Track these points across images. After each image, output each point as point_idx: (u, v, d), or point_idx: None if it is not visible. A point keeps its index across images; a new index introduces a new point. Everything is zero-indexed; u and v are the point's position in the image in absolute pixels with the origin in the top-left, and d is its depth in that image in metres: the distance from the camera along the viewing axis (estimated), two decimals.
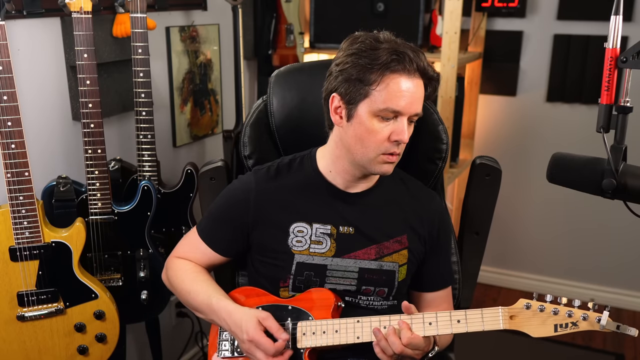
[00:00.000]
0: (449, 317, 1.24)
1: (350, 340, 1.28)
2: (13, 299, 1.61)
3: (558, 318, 1.17)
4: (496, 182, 1.63)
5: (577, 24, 2.86)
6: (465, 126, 2.99)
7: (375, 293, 1.40)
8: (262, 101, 1.61)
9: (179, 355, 2.53)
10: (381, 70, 1.25)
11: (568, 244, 3.15)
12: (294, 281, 1.38)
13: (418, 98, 1.28)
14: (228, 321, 1.32)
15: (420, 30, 2.60)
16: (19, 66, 1.67)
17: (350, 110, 1.30)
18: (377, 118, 1.27)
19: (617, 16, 1.08)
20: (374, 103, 1.26)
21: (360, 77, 1.26)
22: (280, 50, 2.67)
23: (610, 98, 1.11)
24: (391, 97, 1.25)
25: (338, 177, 1.40)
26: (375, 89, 1.26)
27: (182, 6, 2.25)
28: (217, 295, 1.37)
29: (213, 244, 1.45)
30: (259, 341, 1.26)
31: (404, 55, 1.25)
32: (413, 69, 1.26)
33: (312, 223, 1.39)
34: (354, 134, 1.31)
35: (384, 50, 1.25)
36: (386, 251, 1.39)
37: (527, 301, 1.20)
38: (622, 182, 1.10)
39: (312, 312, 1.34)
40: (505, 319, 1.20)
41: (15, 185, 1.52)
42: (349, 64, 1.28)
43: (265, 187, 1.42)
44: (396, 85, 1.25)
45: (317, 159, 1.43)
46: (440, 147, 1.58)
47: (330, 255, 1.38)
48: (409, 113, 1.27)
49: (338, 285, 1.39)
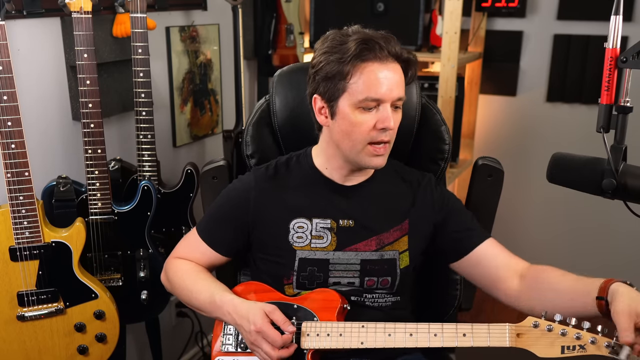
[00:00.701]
0: (455, 330, 1.22)
1: (354, 345, 1.27)
2: (13, 299, 1.61)
3: (566, 340, 1.14)
4: (498, 182, 1.63)
5: (577, 24, 2.86)
6: (465, 126, 2.99)
7: (378, 284, 1.40)
8: (265, 100, 1.61)
9: (179, 355, 2.53)
10: (352, 61, 1.25)
11: (568, 244, 3.15)
12: (297, 277, 1.39)
13: (397, 82, 1.28)
14: (234, 315, 1.31)
15: (420, 30, 2.60)
16: (19, 66, 1.67)
17: (332, 107, 1.31)
18: (359, 110, 1.28)
19: (617, 16, 1.08)
20: (352, 95, 1.27)
21: (334, 73, 1.27)
22: (280, 50, 2.67)
23: (610, 98, 1.11)
24: (368, 86, 1.25)
25: (334, 173, 1.41)
26: (351, 81, 1.26)
27: (182, 6, 2.25)
28: (220, 291, 1.37)
29: (213, 243, 1.45)
30: (266, 332, 1.25)
31: (373, 43, 1.25)
32: (385, 54, 1.26)
33: (312, 218, 1.40)
34: (339, 129, 1.32)
35: (352, 42, 1.26)
36: (386, 241, 1.40)
37: (535, 319, 1.17)
38: (622, 182, 1.10)
39: (317, 313, 1.33)
40: (512, 337, 1.18)
41: (15, 185, 1.52)
42: (323, 62, 1.29)
43: (265, 185, 1.43)
44: (371, 73, 1.25)
45: (312, 156, 1.45)
46: (442, 147, 1.59)
47: (331, 249, 1.39)
48: (390, 99, 1.27)
49: (342, 278, 1.39)
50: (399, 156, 1.53)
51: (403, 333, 1.26)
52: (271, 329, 1.26)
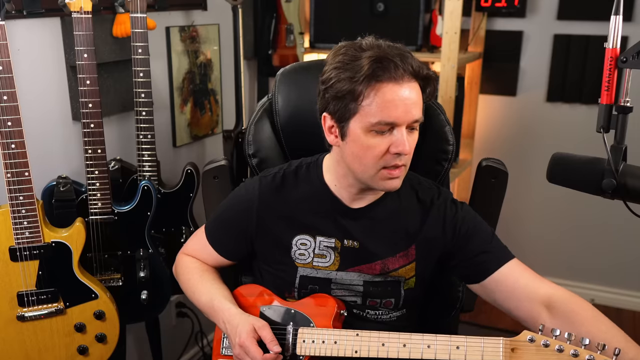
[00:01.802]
0: (449, 343, 1.18)
1: (347, 354, 1.25)
2: (13, 299, 1.61)
3: (562, 357, 1.10)
4: (502, 184, 1.59)
5: (577, 24, 2.86)
6: (465, 126, 2.99)
7: (382, 305, 1.37)
8: (268, 99, 1.60)
9: (179, 355, 2.53)
10: (365, 81, 1.15)
11: (568, 244, 3.15)
12: (299, 293, 1.37)
13: (413, 103, 1.18)
14: (227, 324, 1.31)
15: (420, 30, 2.60)
16: (19, 66, 1.67)
17: (342, 128, 1.22)
18: (372, 133, 1.18)
19: (617, 16, 1.08)
20: (365, 118, 1.17)
21: (345, 92, 1.17)
22: (280, 50, 2.67)
23: (610, 98, 1.11)
24: (382, 108, 1.15)
25: (344, 192, 1.34)
26: (363, 103, 1.16)
27: (182, 6, 2.25)
28: (219, 296, 1.36)
29: (218, 247, 1.45)
30: (248, 347, 1.23)
31: (388, 62, 1.15)
32: (400, 73, 1.15)
33: (316, 236, 1.35)
34: (350, 152, 1.23)
35: (366, 59, 1.16)
36: (391, 267, 1.34)
37: (531, 334, 1.13)
38: (622, 182, 1.10)
39: (313, 319, 1.32)
40: (506, 352, 1.14)
41: (15, 185, 1.52)
42: (333, 79, 1.19)
43: (269, 198, 1.37)
44: (385, 95, 1.15)
45: (323, 170, 1.37)
46: (446, 148, 1.55)
47: (334, 268, 1.35)
48: (406, 122, 1.18)
49: (344, 297, 1.37)
50: None
51: (397, 343, 1.22)
52: (253, 346, 1.23)
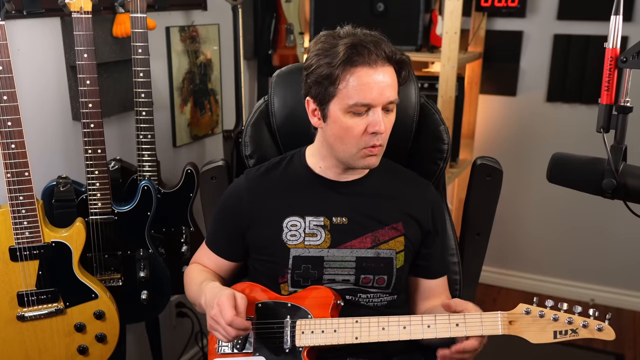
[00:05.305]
0: (448, 320, 1.23)
1: (348, 341, 1.28)
2: (13, 299, 1.61)
3: (558, 325, 1.16)
4: (497, 182, 1.63)
5: (577, 24, 2.86)
6: (465, 126, 2.99)
7: (374, 282, 1.40)
8: (264, 101, 1.62)
9: (179, 355, 2.53)
10: (342, 66, 1.25)
11: (568, 244, 3.15)
12: (292, 275, 1.39)
13: (387, 86, 1.27)
14: (207, 297, 1.31)
15: (420, 30, 2.60)
16: (19, 66, 1.67)
17: (323, 110, 1.32)
18: (350, 114, 1.28)
19: (617, 16, 1.08)
20: (342, 100, 1.27)
21: (324, 77, 1.27)
22: (280, 50, 2.67)
23: (610, 98, 1.11)
24: (357, 91, 1.25)
25: (328, 171, 1.42)
26: (340, 86, 1.27)
27: (182, 6, 2.25)
28: (208, 280, 1.40)
29: (216, 248, 1.50)
30: (224, 305, 1.23)
31: (362, 48, 1.25)
32: (374, 58, 1.25)
33: (305, 216, 1.40)
34: (331, 133, 1.33)
35: (342, 46, 1.26)
36: (382, 238, 1.40)
37: (526, 306, 1.18)
38: (622, 182, 1.10)
39: (311, 311, 1.34)
40: (504, 324, 1.19)
41: (15, 185, 1.52)
42: (314, 65, 1.30)
43: (256, 186, 1.45)
44: (360, 78, 1.25)
45: (306, 156, 1.45)
46: (441, 147, 1.58)
47: (325, 246, 1.39)
48: (381, 103, 1.27)
49: (337, 275, 1.39)
50: (398, 156, 1.53)
51: (397, 326, 1.27)
52: (229, 307, 1.23)
